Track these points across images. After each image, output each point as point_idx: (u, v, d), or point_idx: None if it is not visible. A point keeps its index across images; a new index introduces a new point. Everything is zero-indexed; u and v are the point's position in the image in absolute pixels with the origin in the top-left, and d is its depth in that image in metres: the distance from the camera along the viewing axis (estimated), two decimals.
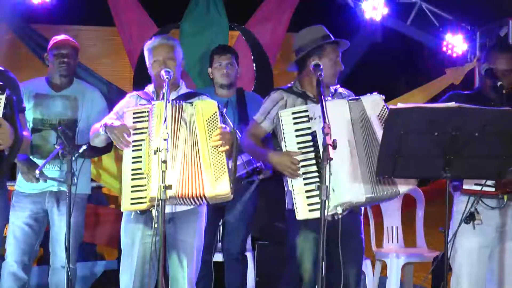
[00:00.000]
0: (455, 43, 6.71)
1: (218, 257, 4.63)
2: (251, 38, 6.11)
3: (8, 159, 3.37)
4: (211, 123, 3.38)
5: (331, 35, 3.65)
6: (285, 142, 3.43)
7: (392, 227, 5.12)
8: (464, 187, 3.47)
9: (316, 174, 3.35)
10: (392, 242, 5.10)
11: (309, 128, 3.40)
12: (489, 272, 3.58)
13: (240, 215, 4.48)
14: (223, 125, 3.39)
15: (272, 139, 3.72)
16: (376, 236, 5.04)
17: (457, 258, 3.51)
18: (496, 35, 6.57)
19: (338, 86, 3.74)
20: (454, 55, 6.77)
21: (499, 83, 3.41)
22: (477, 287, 3.53)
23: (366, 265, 4.77)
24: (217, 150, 3.33)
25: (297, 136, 3.41)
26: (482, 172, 3.21)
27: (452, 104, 3.04)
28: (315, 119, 3.39)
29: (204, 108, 3.41)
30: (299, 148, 3.40)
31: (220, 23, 6.04)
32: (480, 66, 3.68)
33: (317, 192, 3.24)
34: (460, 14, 6.61)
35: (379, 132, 3.40)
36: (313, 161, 3.38)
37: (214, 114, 3.41)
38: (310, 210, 3.34)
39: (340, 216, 3.40)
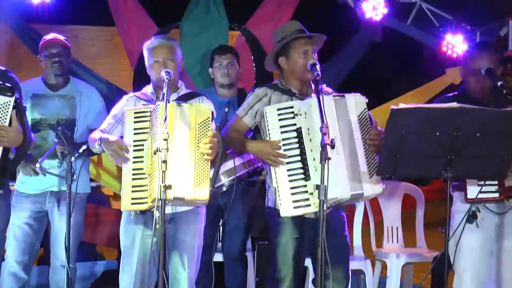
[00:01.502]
0: (455, 43, 6.71)
1: (218, 257, 4.63)
2: (251, 38, 6.11)
3: (15, 160, 3.38)
4: (202, 128, 3.37)
5: (304, 29, 3.65)
6: (269, 138, 3.43)
7: (392, 227, 5.12)
8: (469, 196, 3.40)
9: (301, 170, 3.36)
10: (392, 242, 5.09)
11: (294, 124, 3.41)
12: (489, 269, 3.58)
13: (240, 215, 4.48)
14: (213, 132, 3.39)
15: (256, 135, 3.71)
16: (376, 236, 5.03)
17: (461, 258, 3.48)
18: (496, 35, 6.56)
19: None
20: (454, 55, 6.76)
21: (499, 83, 3.40)
22: (479, 285, 3.52)
23: (366, 265, 4.77)
24: (203, 156, 3.34)
25: (282, 132, 3.42)
26: (483, 172, 3.21)
27: (453, 104, 3.04)
28: (300, 115, 3.39)
29: (199, 111, 3.39)
30: (284, 145, 3.41)
31: (220, 23, 6.04)
32: (460, 69, 3.65)
33: (302, 189, 3.34)
34: (460, 14, 6.61)
35: (356, 133, 3.41)
36: (298, 158, 3.38)
37: (207, 119, 3.39)
38: (295, 207, 3.36)
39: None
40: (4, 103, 3.21)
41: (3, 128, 3.21)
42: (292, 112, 3.41)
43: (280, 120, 3.42)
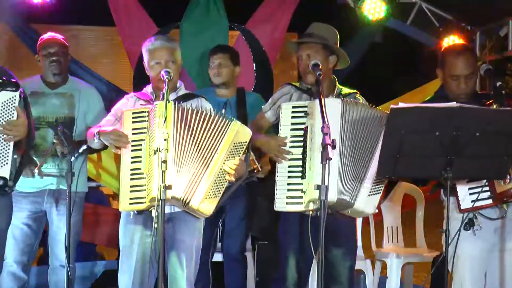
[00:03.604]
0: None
1: (218, 257, 4.63)
2: (251, 38, 6.11)
3: (24, 160, 3.38)
4: (236, 149, 3.41)
5: (310, 33, 3.69)
6: (280, 134, 3.49)
7: (392, 227, 5.12)
8: (462, 207, 3.38)
9: (300, 168, 3.39)
10: (392, 242, 5.09)
11: (304, 123, 3.44)
12: (488, 273, 3.56)
13: (240, 215, 4.48)
14: (242, 160, 3.44)
15: (275, 129, 3.73)
16: (376, 236, 5.03)
17: (460, 265, 3.44)
18: (496, 35, 6.56)
19: (343, 88, 3.74)
20: None
21: (498, 83, 3.39)
22: None
23: (366, 265, 4.78)
24: (225, 174, 3.37)
25: (291, 129, 3.46)
26: (483, 172, 3.21)
27: (453, 104, 3.03)
28: (309, 114, 3.41)
29: (240, 133, 3.43)
30: (291, 141, 3.45)
31: (220, 23, 6.04)
32: (439, 72, 3.62)
33: (297, 187, 3.37)
34: (460, 14, 6.61)
35: (379, 143, 3.35)
36: (300, 156, 3.41)
37: (243, 142, 3.44)
38: (287, 203, 3.40)
39: (312, 214, 3.34)
40: (10, 98, 3.22)
41: (13, 123, 3.22)
42: (305, 112, 3.45)
43: (292, 117, 3.48)
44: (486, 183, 3.32)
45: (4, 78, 3.23)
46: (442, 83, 3.62)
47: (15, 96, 3.21)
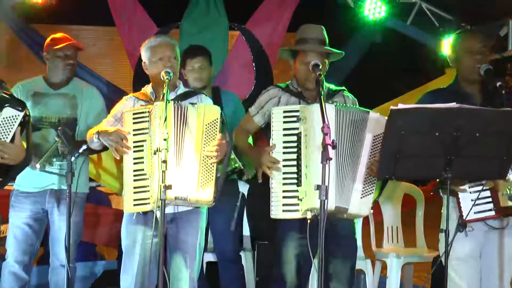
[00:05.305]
0: None
1: (210, 257, 4.62)
2: (251, 38, 6.12)
3: (11, 174, 3.37)
4: (210, 129, 3.39)
5: (324, 38, 3.67)
6: (272, 139, 3.45)
7: (392, 227, 5.12)
8: (465, 218, 3.36)
9: (295, 175, 3.37)
10: (392, 242, 5.09)
11: (297, 128, 3.41)
12: (485, 271, 3.57)
13: (227, 216, 4.43)
14: (221, 135, 3.41)
15: (266, 131, 3.71)
16: (376, 236, 5.03)
17: (455, 266, 3.43)
18: (496, 35, 6.56)
19: (330, 86, 3.74)
20: None
21: (498, 83, 3.39)
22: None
23: (366, 265, 4.78)
24: (209, 159, 3.36)
25: (284, 135, 3.43)
26: (482, 173, 3.21)
27: (453, 104, 3.04)
28: (302, 120, 3.39)
29: (207, 113, 3.41)
30: (284, 147, 3.42)
31: (220, 23, 6.05)
32: (451, 56, 3.61)
33: (293, 194, 3.35)
34: (460, 14, 6.61)
35: (365, 151, 3.38)
36: (295, 162, 3.38)
37: (215, 120, 3.41)
38: (284, 210, 3.38)
39: (310, 221, 3.30)
40: (12, 116, 3.18)
41: (3, 144, 3.17)
42: (297, 116, 3.41)
43: (284, 122, 3.43)
44: (489, 195, 3.33)
45: (11, 95, 3.21)
46: (455, 67, 3.60)
47: (17, 115, 3.18)
